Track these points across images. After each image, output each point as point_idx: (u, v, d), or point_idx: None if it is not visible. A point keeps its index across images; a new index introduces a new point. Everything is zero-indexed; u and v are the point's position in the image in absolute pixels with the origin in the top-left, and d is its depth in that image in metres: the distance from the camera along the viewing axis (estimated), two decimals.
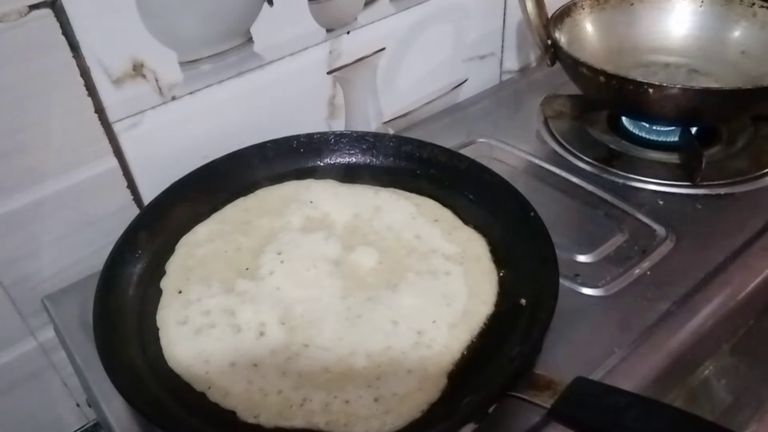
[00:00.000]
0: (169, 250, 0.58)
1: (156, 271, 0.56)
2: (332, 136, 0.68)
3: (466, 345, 0.50)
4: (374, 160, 0.68)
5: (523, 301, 0.52)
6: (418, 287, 0.54)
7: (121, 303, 0.52)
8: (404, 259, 0.56)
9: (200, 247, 0.58)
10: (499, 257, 0.57)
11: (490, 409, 0.45)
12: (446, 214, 0.61)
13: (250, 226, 0.60)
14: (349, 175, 0.66)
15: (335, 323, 0.51)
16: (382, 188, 0.64)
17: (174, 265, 0.57)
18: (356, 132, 0.68)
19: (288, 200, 0.63)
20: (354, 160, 0.68)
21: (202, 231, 0.60)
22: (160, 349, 0.50)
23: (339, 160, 0.68)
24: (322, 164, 0.67)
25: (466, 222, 0.60)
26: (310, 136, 0.67)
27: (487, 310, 0.52)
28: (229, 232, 0.59)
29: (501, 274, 0.55)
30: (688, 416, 0.38)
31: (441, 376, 0.47)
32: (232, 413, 0.46)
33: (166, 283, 0.55)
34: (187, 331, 0.51)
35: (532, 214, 0.56)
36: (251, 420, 0.45)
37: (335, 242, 0.58)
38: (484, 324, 0.51)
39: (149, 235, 0.58)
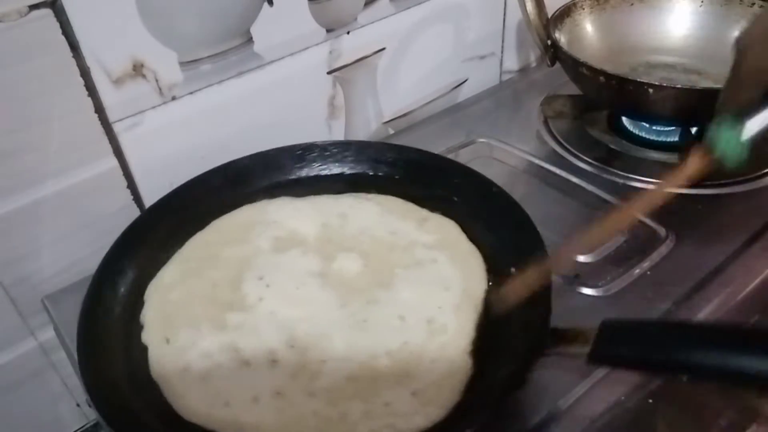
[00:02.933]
0: (137, 302, 0.53)
1: (133, 323, 0.51)
2: (275, 153, 0.65)
3: (476, 322, 0.50)
4: (325, 169, 0.66)
5: (513, 270, 0.53)
6: (411, 280, 0.53)
7: (114, 373, 0.48)
8: (388, 257, 0.56)
9: (172, 290, 0.54)
10: (474, 236, 0.58)
11: (531, 373, 0.43)
12: (411, 207, 0.61)
13: (217, 260, 0.56)
14: (302, 189, 0.64)
15: (343, 333, 0.50)
16: (341, 195, 0.63)
17: (150, 316, 0.52)
18: (299, 146, 0.65)
19: (248, 225, 0.59)
20: (304, 174, 0.66)
21: (168, 274, 0.55)
22: (169, 405, 0.46)
23: (288, 177, 0.65)
24: (271, 183, 0.64)
25: (432, 211, 0.61)
26: (253, 157, 0.64)
27: (484, 286, 0.53)
28: (198, 270, 0.55)
29: (482, 250, 0.56)
30: (721, 326, 0.40)
31: (464, 356, 0.48)
32: None
33: (148, 337, 0.50)
34: (192, 380, 0.47)
35: (494, 189, 0.58)
36: None
37: (313, 256, 0.56)
38: (485, 299, 0.52)
39: (112, 291, 0.53)
